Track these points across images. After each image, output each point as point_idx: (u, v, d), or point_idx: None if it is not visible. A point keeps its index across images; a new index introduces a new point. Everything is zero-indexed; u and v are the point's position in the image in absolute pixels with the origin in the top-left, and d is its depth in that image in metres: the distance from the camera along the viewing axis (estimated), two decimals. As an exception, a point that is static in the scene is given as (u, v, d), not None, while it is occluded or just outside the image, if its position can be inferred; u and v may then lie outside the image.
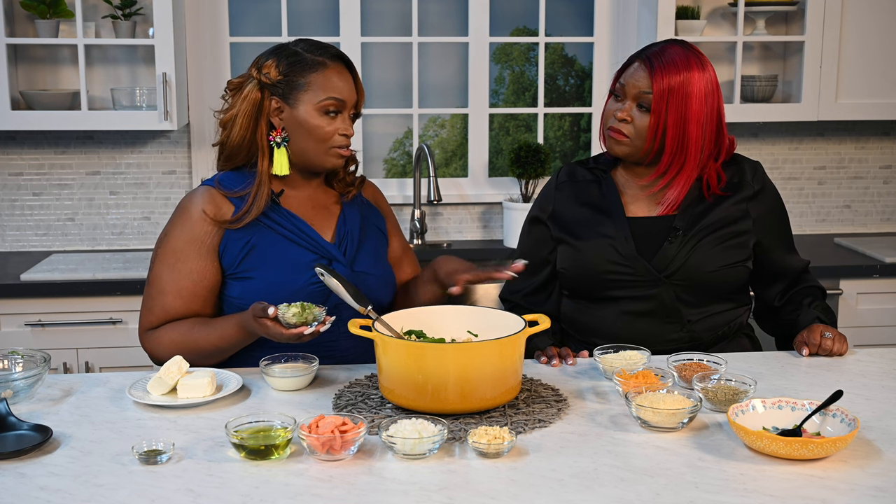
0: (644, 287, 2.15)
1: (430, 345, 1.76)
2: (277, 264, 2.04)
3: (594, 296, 2.21)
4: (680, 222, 2.17)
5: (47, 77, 3.49)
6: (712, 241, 2.15)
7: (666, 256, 2.15)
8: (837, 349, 2.09)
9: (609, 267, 2.16)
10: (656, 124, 2.11)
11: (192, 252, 2.03)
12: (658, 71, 2.10)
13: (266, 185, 2.05)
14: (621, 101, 2.15)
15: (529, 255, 2.28)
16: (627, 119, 2.13)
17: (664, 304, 2.15)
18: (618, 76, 2.18)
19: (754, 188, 2.21)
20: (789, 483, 1.46)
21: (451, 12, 3.80)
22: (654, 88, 2.09)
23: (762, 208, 2.21)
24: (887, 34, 3.51)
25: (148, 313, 2.06)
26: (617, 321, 2.18)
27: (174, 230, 2.06)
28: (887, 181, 3.92)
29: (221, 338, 1.99)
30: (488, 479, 1.48)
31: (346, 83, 2.06)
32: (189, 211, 2.06)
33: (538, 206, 2.32)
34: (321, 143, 2.05)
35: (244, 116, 2.05)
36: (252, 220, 2.04)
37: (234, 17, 3.64)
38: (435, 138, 3.90)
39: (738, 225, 2.18)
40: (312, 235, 2.08)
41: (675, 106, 2.09)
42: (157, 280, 2.05)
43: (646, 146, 2.13)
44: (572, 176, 2.30)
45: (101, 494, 1.44)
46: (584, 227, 2.22)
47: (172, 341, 2.01)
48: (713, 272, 2.14)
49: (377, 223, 2.23)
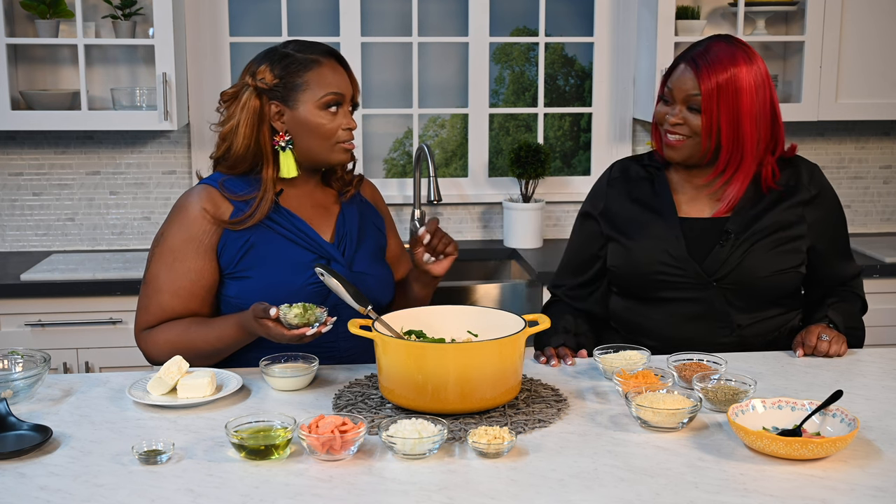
0: (694, 289, 2.13)
1: (430, 345, 1.76)
2: (276, 264, 2.04)
3: (644, 295, 2.19)
4: (732, 225, 2.13)
5: (47, 77, 3.49)
6: (765, 246, 2.12)
7: (717, 260, 2.12)
8: (834, 351, 2.07)
9: (659, 268, 2.14)
10: (709, 124, 2.08)
11: (190, 251, 2.03)
12: (704, 71, 2.07)
13: (271, 191, 2.05)
14: (671, 105, 2.13)
15: (579, 250, 2.28)
16: (680, 122, 2.11)
17: (714, 308, 2.13)
18: (665, 80, 2.16)
19: (811, 192, 2.17)
20: (789, 483, 1.46)
21: (451, 12, 3.80)
22: (703, 89, 2.07)
23: (818, 213, 2.17)
24: (887, 34, 3.51)
25: (144, 313, 2.05)
26: (667, 323, 2.16)
27: (172, 229, 2.05)
28: (887, 181, 3.92)
29: (220, 338, 1.98)
30: (488, 479, 1.48)
31: (341, 77, 2.06)
32: (187, 209, 2.05)
33: (589, 202, 2.30)
34: (326, 140, 2.04)
35: (246, 125, 2.03)
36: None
37: (234, 17, 3.64)
38: (435, 138, 3.90)
39: (792, 230, 2.14)
40: (311, 235, 2.08)
41: (725, 104, 2.07)
42: (154, 279, 2.04)
43: (702, 148, 2.11)
44: (625, 172, 2.28)
45: (101, 494, 1.44)
46: (635, 225, 2.20)
47: (169, 341, 2.01)
48: (765, 277, 2.11)
49: (376, 222, 2.23)
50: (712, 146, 2.10)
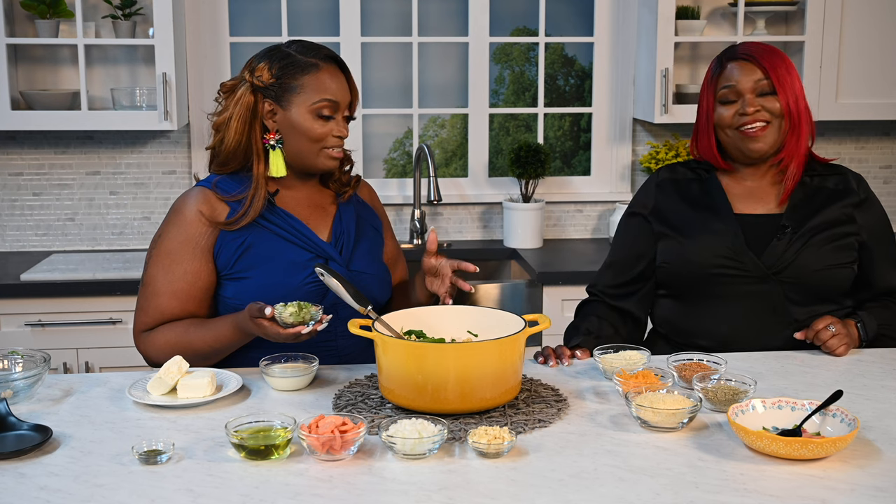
0: (751, 283, 2.14)
1: (430, 345, 1.76)
2: (273, 264, 2.04)
3: (697, 294, 2.19)
4: (788, 220, 2.16)
5: (47, 77, 3.49)
6: (821, 241, 2.14)
7: (774, 254, 2.13)
8: (833, 345, 2.06)
9: (716, 261, 2.15)
10: (786, 101, 2.13)
11: (187, 253, 2.03)
12: (760, 57, 2.14)
13: (262, 188, 2.05)
14: (736, 101, 2.15)
15: (624, 248, 2.28)
16: (758, 108, 2.13)
17: (772, 302, 2.14)
18: (715, 85, 2.18)
19: (860, 196, 2.20)
20: (789, 483, 1.46)
21: (451, 12, 3.80)
22: (769, 70, 2.13)
23: (868, 217, 2.20)
24: (887, 34, 3.51)
25: (143, 315, 2.05)
26: (723, 321, 2.16)
27: (169, 231, 2.05)
28: (887, 181, 3.92)
29: (217, 338, 1.99)
30: (488, 479, 1.48)
31: (339, 84, 2.05)
32: (183, 212, 2.05)
33: (637, 203, 2.30)
34: (314, 145, 2.04)
35: (238, 120, 2.04)
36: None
37: (234, 17, 3.64)
38: (435, 138, 3.90)
39: (844, 227, 2.17)
40: (308, 235, 2.08)
41: (787, 81, 2.13)
42: (152, 281, 2.04)
43: (784, 129, 2.15)
44: (673, 174, 2.29)
45: (101, 494, 1.44)
46: (689, 222, 2.21)
47: (168, 342, 2.01)
48: (821, 271, 2.13)
49: (373, 222, 2.23)
50: (787, 127, 2.15)
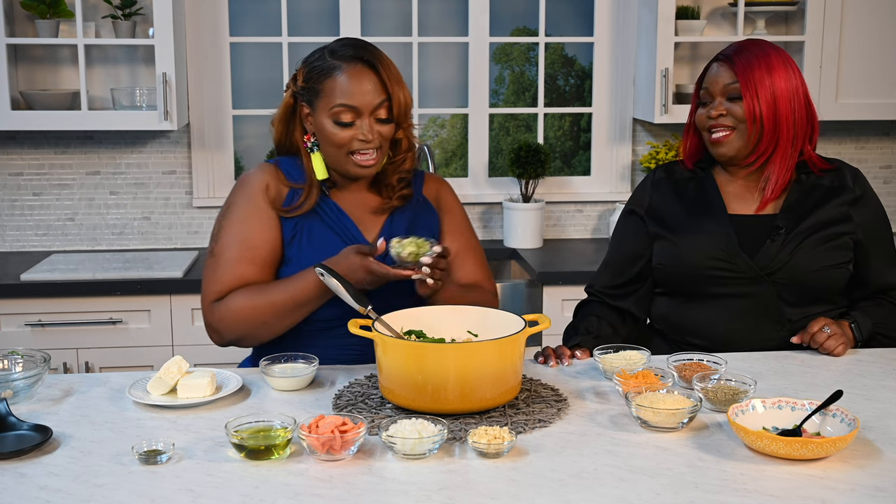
0: (745, 284, 2.14)
1: (430, 345, 1.76)
2: (317, 254, 2.02)
3: (692, 293, 2.19)
4: (782, 221, 2.16)
5: (47, 77, 3.49)
6: (815, 242, 2.14)
7: (768, 254, 2.13)
8: (831, 346, 2.06)
9: (710, 262, 2.15)
10: (751, 108, 2.11)
11: (258, 221, 2.04)
12: (736, 59, 2.13)
13: (315, 184, 2.07)
14: (709, 104, 2.16)
15: (621, 248, 2.29)
16: (723, 113, 2.14)
17: (765, 303, 2.14)
18: (699, 85, 2.20)
19: (856, 193, 2.19)
20: (789, 483, 1.46)
21: (451, 12, 3.80)
22: (738, 73, 2.11)
23: (864, 214, 2.19)
24: (887, 34, 3.51)
25: (215, 284, 2.02)
26: (717, 321, 2.17)
27: (238, 200, 2.07)
28: (887, 181, 3.92)
29: (302, 290, 1.95)
30: (488, 479, 1.48)
31: (363, 86, 2.00)
32: (252, 184, 2.07)
33: (633, 201, 2.31)
34: (339, 150, 2.02)
35: (279, 120, 2.10)
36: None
37: (234, 17, 3.64)
38: (435, 138, 3.90)
39: (840, 226, 2.16)
40: (354, 234, 2.07)
41: (762, 84, 2.11)
42: (226, 249, 2.03)
43: (748, 135, 2.13)
44: (669, 173, 2.29)
45: (101, 494, 1.44)
46: (683, 222, 2.21)
47: (245, 304, 1.97)
48: (815, 272, 2.13)
49: (429, 224, 2.16)
50: (757, 132, 2.13)
